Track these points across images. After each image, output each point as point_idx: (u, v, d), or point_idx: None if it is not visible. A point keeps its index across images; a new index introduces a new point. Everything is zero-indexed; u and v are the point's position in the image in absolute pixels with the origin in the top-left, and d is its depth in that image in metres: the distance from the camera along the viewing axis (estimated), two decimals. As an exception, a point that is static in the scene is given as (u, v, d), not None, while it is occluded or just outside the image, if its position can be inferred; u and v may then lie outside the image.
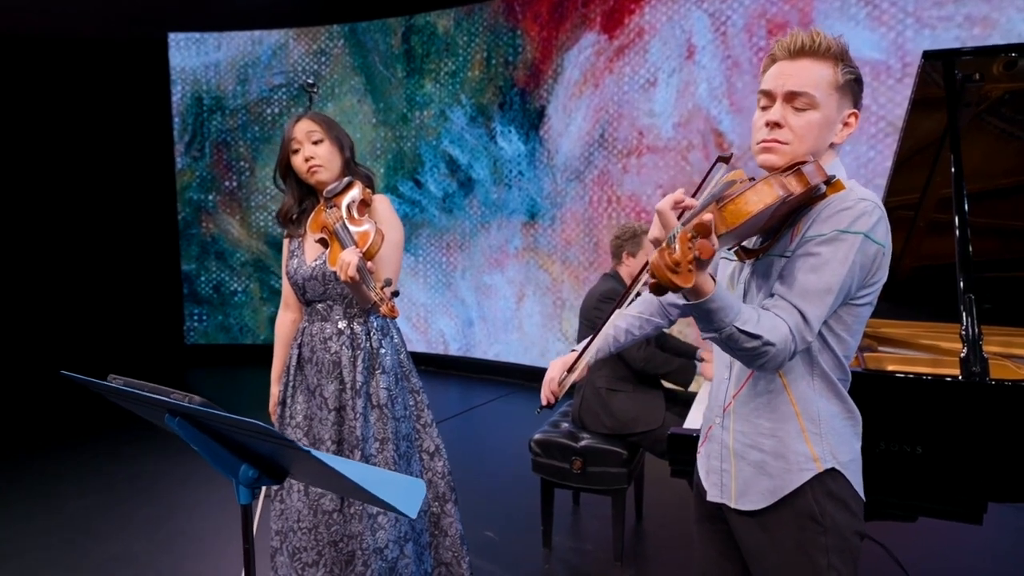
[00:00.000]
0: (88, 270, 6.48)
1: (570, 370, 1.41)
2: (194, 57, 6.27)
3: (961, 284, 1.69)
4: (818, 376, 1.17)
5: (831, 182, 1.08)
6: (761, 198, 0.98)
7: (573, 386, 1.48)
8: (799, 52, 1.12)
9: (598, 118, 4.95)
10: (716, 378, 1.31)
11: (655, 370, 2.60)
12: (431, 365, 5.97)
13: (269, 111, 6.24)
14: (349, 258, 1.57)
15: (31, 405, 5.04)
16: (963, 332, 1.65)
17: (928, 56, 1.87)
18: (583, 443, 2.53)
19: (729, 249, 1.21)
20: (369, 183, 1.88)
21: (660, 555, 2.68)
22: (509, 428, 4.39)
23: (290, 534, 1.84)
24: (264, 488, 1.93)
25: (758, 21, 4.25)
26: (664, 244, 0.92)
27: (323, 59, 6.10)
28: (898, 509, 1.67)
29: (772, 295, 1.12)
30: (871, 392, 1.65)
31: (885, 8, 3.84)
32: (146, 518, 3.03)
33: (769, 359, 1.05)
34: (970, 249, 1.73)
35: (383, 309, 1.49)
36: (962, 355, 1.62)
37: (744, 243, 1.19)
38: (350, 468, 1.01)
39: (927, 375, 1.68)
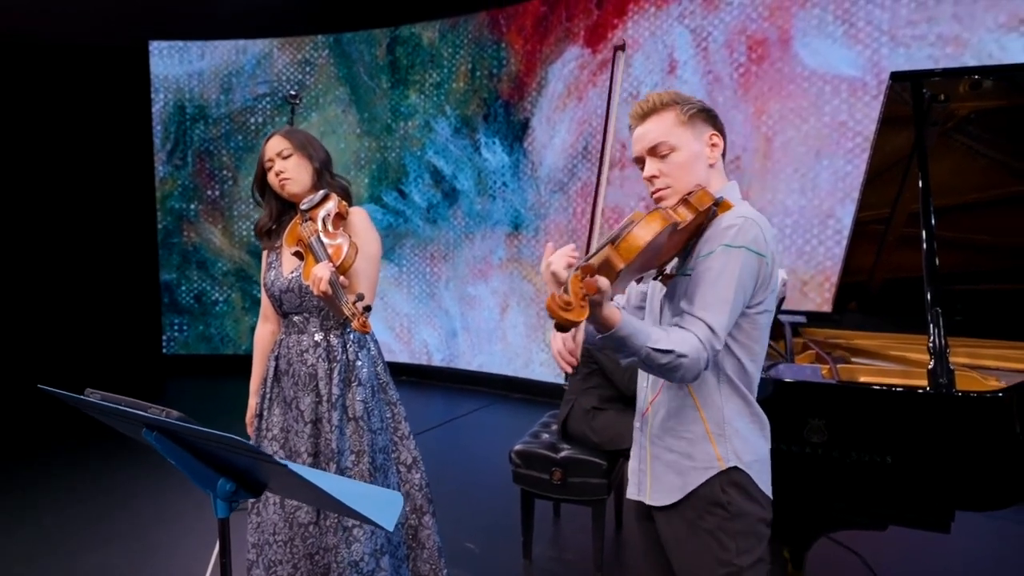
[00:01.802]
0: (65, 279, 6.38)
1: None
2: (177, 65, 6.25)
3: (928, 297, 1.74)
4: (724, 382, 1.28)
5: (719, 203, 1.24)
6: (649, 230, 1.10)
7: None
8: (644, 115, 1.31)
9: (581, 131, 5.01)
10: (639, 386, 1.43)
11: None
12: (414, 375, 5.95)
13: (253, 120, 6.23)
14: (321, 273, 1.58)
15: (7, 418, 4.95)
16: (930, 344, 1.69)
17: (896, 77, 1.92)
18: (563, 454, 2.54)
19: (655, 278, 1.35)
20: (346, 195, 1.90)
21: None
22: (492, 439, 4.39)
23: (266, 547, 1.83)
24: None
25: (738, 37, 4.33)
26: (555, 290, 1.04)
27: (308, 69, 6.11)
28: (868, 518, 1.70)
29: (681, 312, 1.24)
30: (842, 403, 1.69)
31: (861, 27, 3.93)
32: (124, 531, 2.99)
33: (685, 370, 1.16)
34: (937, 263, 1.78)
35: (355, 324, 1.50)
36: (930, 367, 1.66)
37: (666, 268, 1.32)
38: (327, 481, 1.02)
39: (896, 386, 1.72)
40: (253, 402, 2.00)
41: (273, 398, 1.90)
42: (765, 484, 1.32)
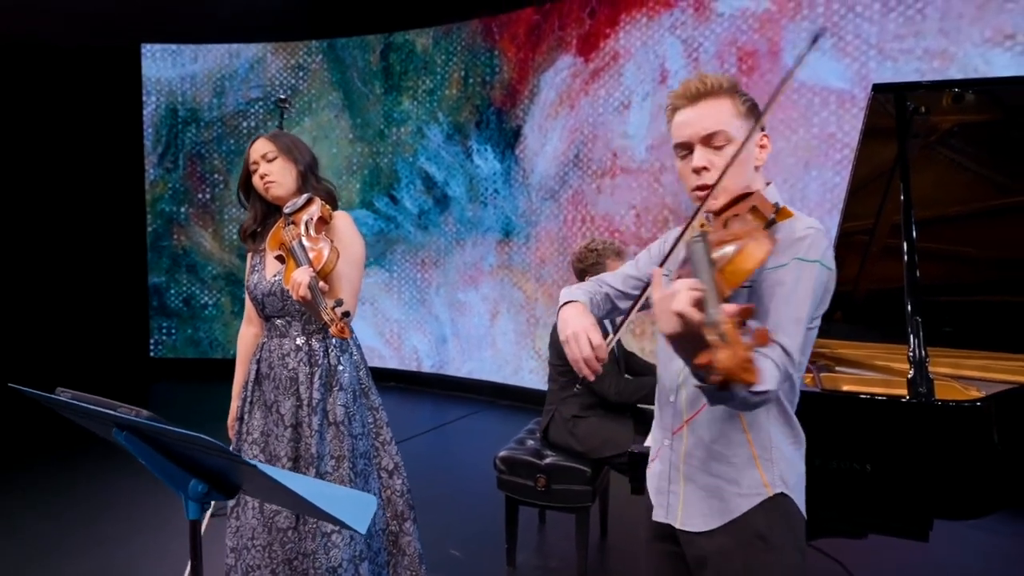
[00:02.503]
0: (52, 281, 6.34)
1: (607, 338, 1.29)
2: (170, 68, 6.24)
3: (909, 307, 1.75)
4: (774, 403, 1.18)
5: (779, 210, 1.12)
6: (758, 251, 0.97)
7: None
8: (697, 96, 1.17)
9: (573, 139, 5.03)
10: (661, 400, 1.31)
11: (629, 398, 2.59)
12: (404, 382, 5.94)
13: (245, 124, 6.22)
14: (300, 277, 1.57)
15: (-11, 419, 4.90)
16: (910, 354, 1.70)
17: (878, 89, 1.94)
18: (548, 461, 2.54)
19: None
20: (331, 199, 1.90)
21: (624, 572, 2.69)
22: (479, 445, 4.37)
23: (244, 552, 1.81)
24: (215, 504, 1.91)
25: (729, 49, 4.36)
26: (720, 342, 0.82)
27: (301, 74, 6.11)
28: (848, 526, 1.70)
29: None
30: (823, 411, 1.69)
31: (850, 40, 3.97)
32: (110, 536, 2.95)
33: (766, 401, 1.05)
34: (917, 274, 1.79)
35: (333, 330, 1.49)
36: (909, 376, 1.67)
37: None
38: (299, 483, 1.01)
39: (876, 395, 1.72)
40: (235, 405, 1.98)
41: (254, 401, 1.88)
42: (803, 504, 1.24)
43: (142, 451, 1.02)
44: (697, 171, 1.17)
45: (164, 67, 6.24)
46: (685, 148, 1.19)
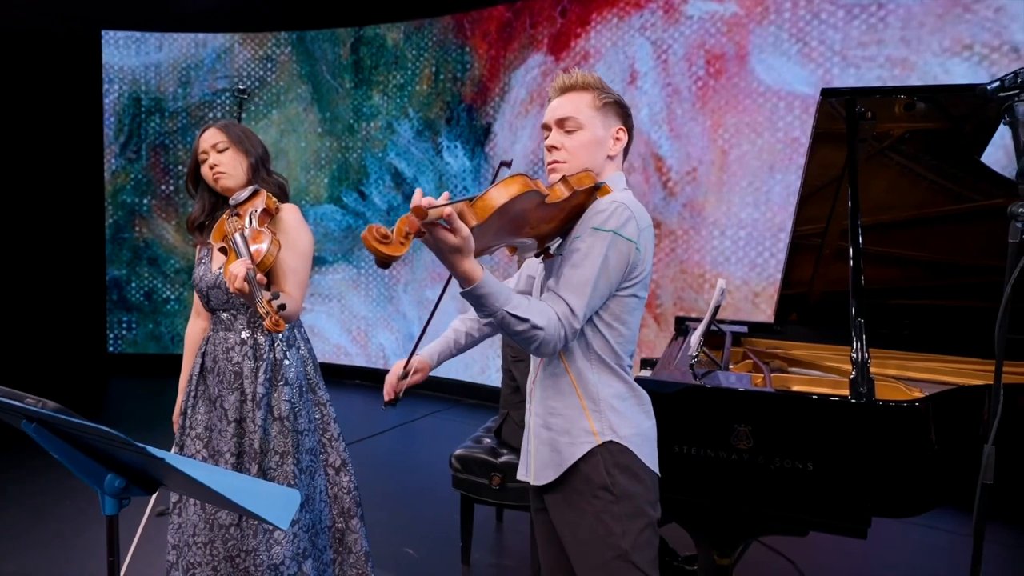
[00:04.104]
0: (4, 273, 6.14)
1: (403, 376, 1.55)
2: (133, 56, 6.10)
3: (852, 309, 1.77)
4: (595, 360, 1.32)
5: (599, 187, 1.29)
6: (505, 192, 1.12)
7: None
8: (564, 89, 1.36)
9: (543, 137, 5.02)
10: (531, 368, 1.46)
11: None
12: (370, 379, 5.88)
13: (211, 115, 6.10)
14: (236, 270, 1.54)
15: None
16: (853, 355, 1.72)
17: (827, 94, 1.96)
18: (503, 459, 2.52)
19: (536, 255, 1.39)
20: (281, 192, 1.86)
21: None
22: (441, 444, 4.35)
23: (185, 548, 1.78)
24: (156, 502, 1.86)
25: (697, 51, 4.40)
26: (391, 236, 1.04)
27: (269, 65, 6.02)
28: (790, 523, 1.72)
29: (549, 291, 1.29)
30: (768, 411, 1.71)
31: (814, 46, 4.03)
32: (47, 535, 2.87)
33: (541, 342, 1.20)
34: (862, 277, 1.81)
35: (267, 323, 1.46)
36: (851, 376, 1.69)
37: (550, 248, 1.37)
38: (216, 478, 0.99)
39: (817, 394, 1.74)
40: (180, 399, 1.94)
41: (198, 396, 1.85)
42: (651, 460, 1.36)
43: (53, 444, 0.98)
44: (549, 149, 1.36)
45: (127, 55, 6.09)
46: (547, 129, 1.38)
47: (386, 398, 1.31)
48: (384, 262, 1.03)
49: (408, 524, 3.03)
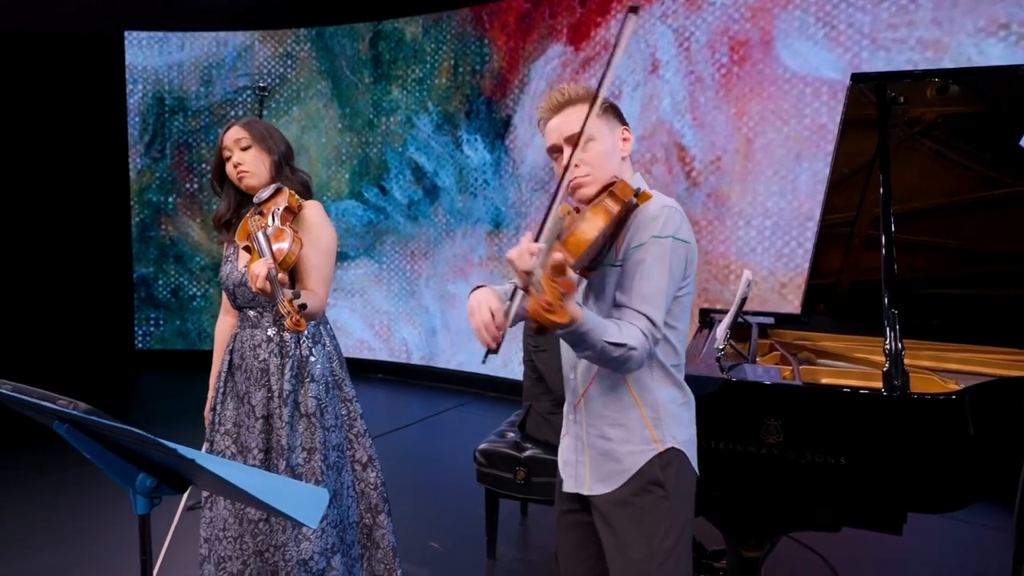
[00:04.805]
0: (34, 272, 6.26)
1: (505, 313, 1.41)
2: (156, 56, 6.17)
3: (886, 299, 1.73)
4: (656, 366, 1.34)
5: (639, 193, 1.28)
6: (595, 224, 1.14)
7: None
8: (558, 107, 1.36)
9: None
10: (567, 378, 1.46)
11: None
12: (393, 373, 5.92)
13: (233, 113, 6.16)
14: (258, 269, 1.55)
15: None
16: (886, 347, 1.68)
17: (857, 79, 1.91)
18: (527, 453, 2.52)
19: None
20: (305, 190, 1.86)
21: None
22: (465, 438, 4.36)
23: (216, 543, 1.80)
24: (189, 497, 1.89)
25: (720, 38, 4.32)
26: (532, 290, 1.03)
27: (289, 62, 6.05)
28: (823, 519, 1.69)
29: (617, 305, 1.29)
30: (798, 404, 1.67)
31: (842, 30, 3.93)
32: (80, 530, 2.93)
33: (633, 362, 1.22)
34: (895, 266, 1.76)
35: (288, 323, 1.46)
36: (885, 369, 1.65)
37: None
38: (244, 477, 0.99)
39: (850, 387, 1.70)
40: (211, 395, 1.96)
41: (227, 392, 1.87)
42: (695, 461, 1.39)
43: (85, 444, 1.00)
44: (567, 168, 1.31)
45: (150, 55, 6.17)
46: (556, 151, 1.37)
47: (493, 344, 1.20)
48: (549, 330, 1.04)
49: (433, 518, 3.05)
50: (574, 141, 1.29)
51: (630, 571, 1.33)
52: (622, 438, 1.34)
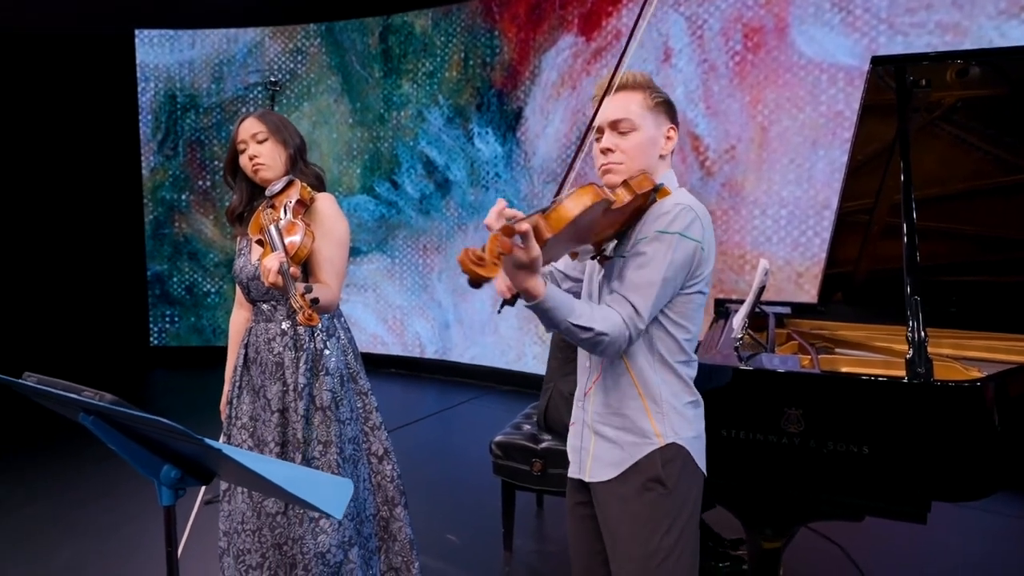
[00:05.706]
0: (48, 270, 6.33)
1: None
2: (167, 54, 6.20)
3: (908, 287, 1.70)
4: (658, 361, 1.34)
5: (659, 189, 1.29)
6: (578, 204, 1.12)
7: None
8: (614, 88, 1.33)
9: (575, 120, 4.95)
10: (580, 366, 1.47)
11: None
12: (407, 368, 5.93)
13: (244, 109, 6.18)
14: (270, 264, 1.54)
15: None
16: (909, 334, 1.65)
17: (877, 62, 1.88)
18: (543, 445, 2.51)
19: (592, 257, 1.38)
20: (318, 182, 1.86)
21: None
22: (480, 431, 4.36)
23: (235, 536, 1.81)
24: (207, 491, 1.90)
25: (734, 25, 4.27)
26: (487, 257, 1.05)
27: (299, 58, 6.06)
28: (845, 508, 1.67)
29: (612, 292, 1.30)
30: (819, 393, 1.65)
31: (859, 15, 3.87)
32: (102, 524, 2.97)
33: (606, 346, 1.23)
34: (917, 253, 1.74)
35: (300, 317, 1.46)
36: (908, 356, 1.62)
37: (605, 249, 1.36)
38: (270, 468, 0.99)
39: (872, 375, 1.68)
40: (227, 388, 1.98)
41: (243, 386, 1.87)
42: (702, 461, 1.38)
43: (110, 436, 1.00)
44: (603, 151, 1.34)
45: (160, 53, 6.19)
46: (599, 131, 1.36)
47: (509, 295, 1.21)
48: (478, 283, 1.04)
49: (449, 511, 3.06)
50: (615, 126, 1.32)
51: (631, 567, 1.33)
52: (624, 427, 1.35)
